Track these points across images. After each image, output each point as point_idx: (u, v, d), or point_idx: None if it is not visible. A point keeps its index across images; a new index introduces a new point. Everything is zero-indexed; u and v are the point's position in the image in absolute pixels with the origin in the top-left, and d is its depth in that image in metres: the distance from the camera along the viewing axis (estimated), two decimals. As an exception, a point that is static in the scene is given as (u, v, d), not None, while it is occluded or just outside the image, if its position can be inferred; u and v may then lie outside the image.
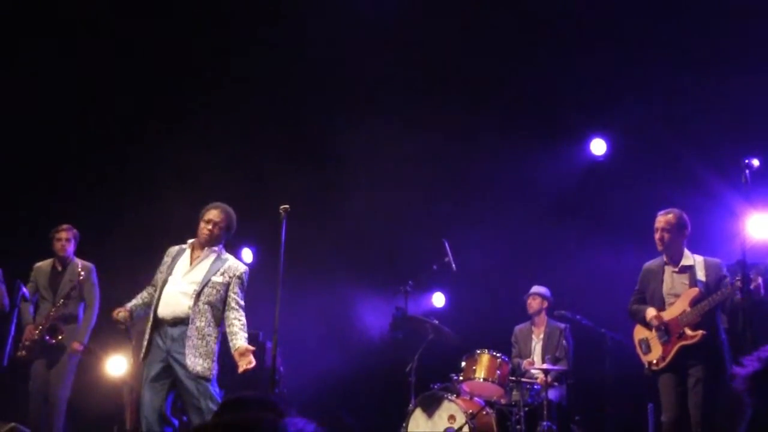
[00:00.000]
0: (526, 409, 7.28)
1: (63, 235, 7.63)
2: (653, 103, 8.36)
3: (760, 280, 5.53)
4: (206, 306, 5.69)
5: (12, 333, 7.24)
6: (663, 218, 6.04)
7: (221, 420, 1.19)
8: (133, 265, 8.19)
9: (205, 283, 5.70)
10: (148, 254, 8.97)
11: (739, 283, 5.50)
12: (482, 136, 9.17)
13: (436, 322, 7.74)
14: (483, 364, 7.41)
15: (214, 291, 5.73)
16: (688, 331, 5.79)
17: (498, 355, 7.46)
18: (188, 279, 5.74)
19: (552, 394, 7.35)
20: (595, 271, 8.02)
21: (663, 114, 8.34)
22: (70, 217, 7.91)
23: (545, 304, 8.10)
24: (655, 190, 7.83)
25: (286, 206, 5.87)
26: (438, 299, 9.58)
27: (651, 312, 6.02)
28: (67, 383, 7.52)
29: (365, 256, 9.37)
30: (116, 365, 8.69)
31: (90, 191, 9.36)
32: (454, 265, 7.76)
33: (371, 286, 9.13)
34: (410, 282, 7.92)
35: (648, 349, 6.06)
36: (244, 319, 5.78)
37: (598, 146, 9.05)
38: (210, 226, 5.76)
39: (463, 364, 7.54)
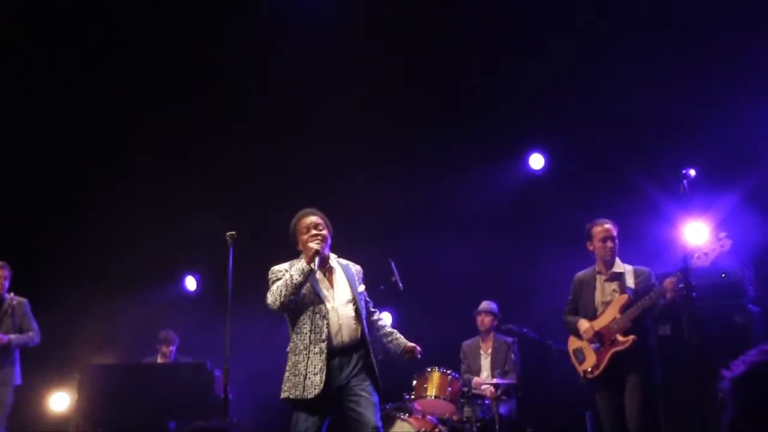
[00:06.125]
0: (478, 424, 7.31)
1: (0, 273, 7.48)
2: (590, 115, 8.50)
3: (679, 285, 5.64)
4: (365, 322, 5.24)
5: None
6: (612, 227, 6.16)
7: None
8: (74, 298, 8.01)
9: (359, 299, 5.23)
10: (89, 286, 8.83)
11: (668, 286, 5.66)
12: (422, 156, 9.23)
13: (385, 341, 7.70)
14: (434, 382, 7.42)
15: (363, 302, 5.31)
16: (620, 337, 5.91)
17: (448, 372, 7.48)
18: (341, 299, 5.18)
19: (502, 408, 7.41)
20: (539, 283, 8.10)
21: (601, 126, 8.48)
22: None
23: (495, 321, 8.16)
24: (595, 202, 7.96)
25: (233, 233, 5.74)
26: (386, 319, 9.54)
27: (583, 325, 6.13)
28: (4, 417, 7.35)
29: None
30: (59, 401, 8.49)
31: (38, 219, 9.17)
32: (401, 285, 7.75)
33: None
34: (358, 303, 7.87)
35: (583, 358, 6.16)
36: None
37: (536, 161, 9.21)
38: (324, 231, 5.20)
39: (414, 382, 7.55)
